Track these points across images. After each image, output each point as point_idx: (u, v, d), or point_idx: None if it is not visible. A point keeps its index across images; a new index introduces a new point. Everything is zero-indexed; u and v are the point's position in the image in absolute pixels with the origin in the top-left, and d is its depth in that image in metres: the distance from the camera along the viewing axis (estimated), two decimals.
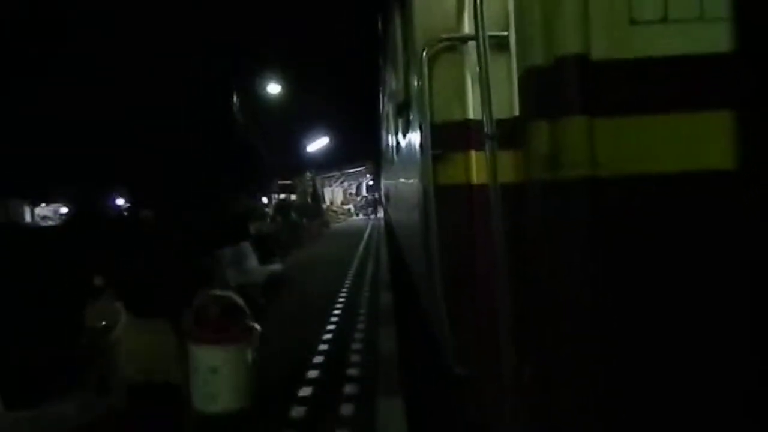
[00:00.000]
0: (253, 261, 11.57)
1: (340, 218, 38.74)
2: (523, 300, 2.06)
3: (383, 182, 23.03)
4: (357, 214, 43.50)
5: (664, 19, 1.59)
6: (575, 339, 1.63)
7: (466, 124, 2.45)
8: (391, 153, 8.39)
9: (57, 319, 6.09)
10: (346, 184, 49.93)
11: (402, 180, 5.76)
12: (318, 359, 6.47)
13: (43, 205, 32.76)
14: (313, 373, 5.94)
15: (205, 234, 11.28)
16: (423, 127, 2.79)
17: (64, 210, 29.26)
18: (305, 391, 5.34)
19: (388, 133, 9.26)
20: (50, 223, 26.61)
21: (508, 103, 2.27)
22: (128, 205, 23.32)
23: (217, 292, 4.66)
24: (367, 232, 27.05)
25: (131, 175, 19.20)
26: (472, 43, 2.37)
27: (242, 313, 4.27)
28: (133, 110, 16.59)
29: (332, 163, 39.33)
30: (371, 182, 45.11)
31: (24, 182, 19.99)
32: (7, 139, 16.52)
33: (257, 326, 4.39)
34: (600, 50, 1.57)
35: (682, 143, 1.59)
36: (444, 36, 2.66)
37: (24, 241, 11.01)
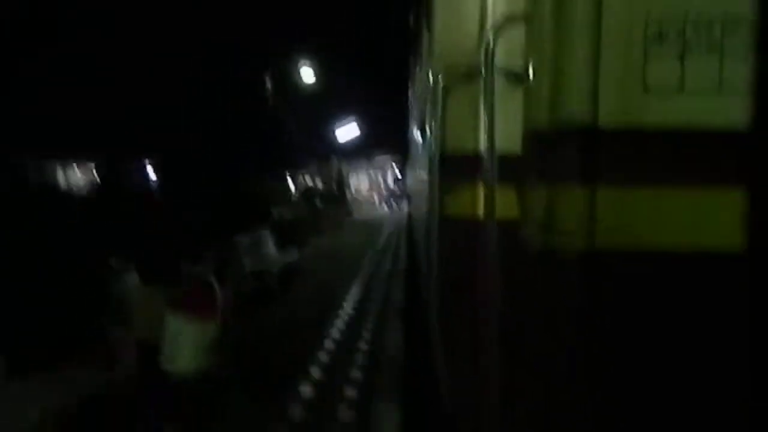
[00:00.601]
0: (270, 249, 11.62)
1: (364, 208, 38.74)
2: (513, 348, 2.01)
3: (408, 177, 22.98)
4: (381, 204, 43.38)
5: (680, 90, 1.52)
6: (564, 412, 1.58)
7: (477, 156, 2.39)
8: (415, 154, 8.37)
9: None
10: (372, 172, 49.90)
11: (421, 189, 5.75)
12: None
13: (76, 168, 33.33)
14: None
15: (221, 214, 11.34)
16: (433, 156, 2.75)
17: (95, 174, 29.67)
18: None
19: (414, 131, 9.23)
20: (81, 185, 27.02)
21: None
22: (156, 178, 23.55)
23: (198, 269, 5.16)
24: (390, 224, 27.04)
25: (159, 147, 19.36)
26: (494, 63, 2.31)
27: (213, 292, 4.68)
28: (165, 85, 16.73)
29: (360, 150, 39.31)
30: (398, 172, 44.99)
31: (57, 144, 20.26)
32: (42, 101, 16.76)
33: (221, 305, 4.81)
34: (609, 118, 1.50)
35: (689, 219, 1.52)
36: (461, 67, 2.60)
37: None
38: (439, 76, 2.58)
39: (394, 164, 44.49)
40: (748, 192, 1.48)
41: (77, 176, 32.63)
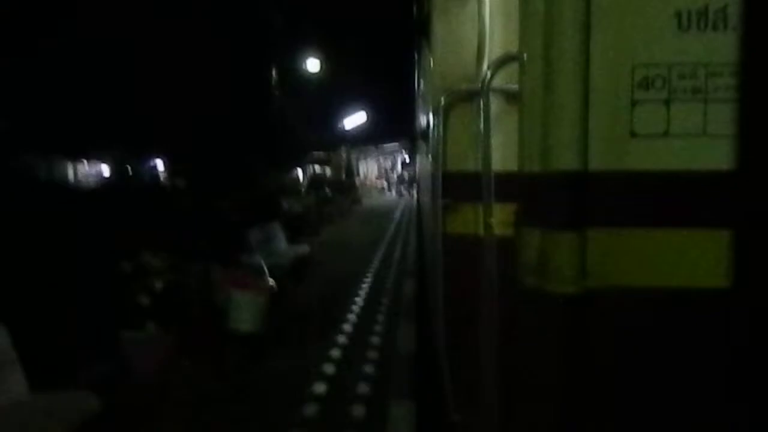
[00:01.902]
0: (281, 242, 11.70)
1: (373, 194, 38.79)
2: (508, 363, 2.10)
3: (416, 163, 22.98)
4: (390, 191, 43.40)
5: (666, 134, 1.58)
6: None
7: (478, 175, 2.46)
8: (420, 147, 8.41)
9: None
10: (381, 159, 49.85)
11: (426, 185, 5.82)
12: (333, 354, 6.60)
13: (85, 163, 33.46)
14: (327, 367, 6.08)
15: (235, 212, 11.45)
16: (435, 174, 2.81)
17: (105, 168, 29.84)
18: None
19: (421, 120, 9.26)
20: (90, 180, 27.21)
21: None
22: (165, 172, 23.72)
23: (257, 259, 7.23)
24: (399, 210, 27.14)
25: (168, 142, 19.50)
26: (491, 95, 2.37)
27: (263, 273, 6.86)
28: (171, 80, 16.78)
29: (368, 138, 39.24)
30: (407, 159, 44.90)
31: (67, 140, 20.38)
32: (52, 97, 16.85)
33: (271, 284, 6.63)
34: (598, 161, 1.57)
35: (676, 259, 1.59)
36: (461, 87, 2.66)
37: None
38: (441, 97, 2.64)
39: (402, 151, 44.41)
40: (733, 232, 1.55)
41: (87, 173, 32.82)
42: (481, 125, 2.20)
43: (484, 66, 2.45)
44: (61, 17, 15.86)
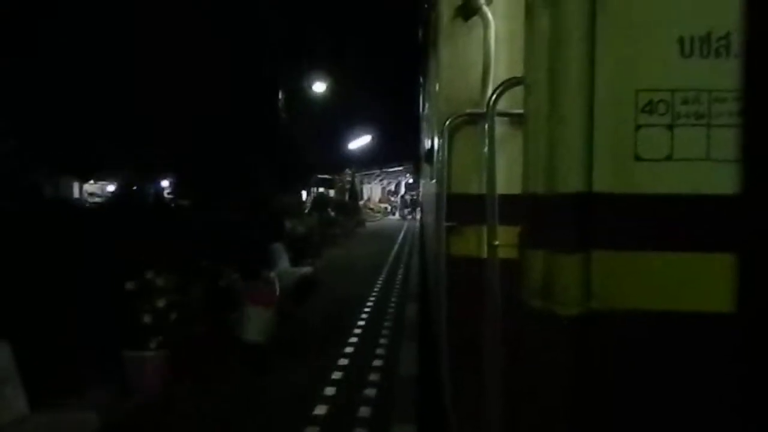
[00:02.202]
0: (284, 262, 11.72)
1: (376, 216, 38.82)
2: (512, 386, 2.09)
3: (420, 187, 23.04)
4: (394, 213, 43.38)
5: (670, 157, 1.59)
6: None
7: (482, 197, 2.47)
8: (424, 169, 8.45)
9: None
10: (385, 182, 50.00)
11: (429, 206, 5.84)
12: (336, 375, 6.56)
13: (91, 182, 33.63)
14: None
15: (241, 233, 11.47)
16: (440, 197, 2.83)
17: (110, 188, 30.00)
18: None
19: (425, 143, 9.33)
20: (97, 200, 27.35)
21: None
22: (170, 192, 23.82)
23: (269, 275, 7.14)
24: (402, 233, 27.14)
25: (174, 163, 19.62)
26: (495, 119, 2.39)
27: (273, 287, 6.82)
28: (179, 102, 16.91)
29: (372, 160, 39.42)
30: (410, 181, 45.02)
31: (73, 159, 20.52)
32: (59, 115, 16.97)
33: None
34: (602, 184, 1.58)
35: (681, 283, 1.59)
36: (466, 110, 2.69)
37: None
38: (446, 121, 2.67)
39: (406, 174, 44.54)
40: (737, 255, 1.55)
41: (93, 188, 32.96)
42: (486, 148, 2.22)
43: (489, 90, 2.48)
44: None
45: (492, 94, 2.10)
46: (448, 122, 2.67)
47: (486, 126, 2.12)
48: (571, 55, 1.64)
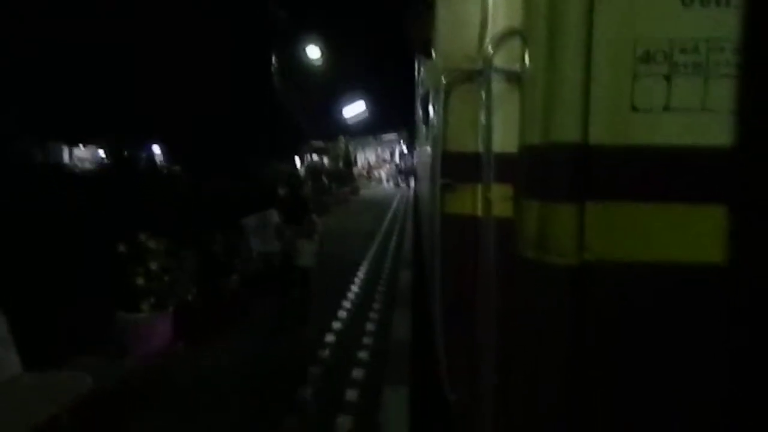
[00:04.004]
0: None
1: (370, 184, 38.75)
2: (507, 340, 2.11)
3: (415, 154, 22.94)
4: (388, 181, 43.29)
5: (667, 108, 1.58)
6: (550, 419, 1.67)
7: (478, 156, 2.46)
8: (421, 133, 8.40)
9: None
10: (379, 150, 49.77)
11: (425, 172, 5.81)
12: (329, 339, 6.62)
13: (81, 146, 33.23)
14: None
15: (232, 201, 11.44)
16: (435, 154, 2.81)
17: (101, 152, 29.70)
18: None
19: (420, 111, 9.29)
20: (87, 165, 27.10)
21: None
22: (163, 157, 23.63)
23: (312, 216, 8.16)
24: (396, 201, 27.13)
25: (166, 129, 19.44)
26: (492, 75, 2.36)
27: (314, 224, 7.79)
28: (170, 66, 16.69)
29: (367, 128, 39.20)
30: (405, 149, 44.82)
31: (63, 123, 20.29)
32: (48, 78, 16.75)
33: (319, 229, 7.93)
34: (598, 135, 1.57)
35: (674, 234, 1.59)
36: (462, 69, 2.65)
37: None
38: (442, 77, 2.63)
39: (401, 141, 44.32)
40: (730, 207, 1.55)
41: (84, 154, 32.59)
42: (483, 102, 2.19)
43: (487, 45, 2.44)
44: None
45: (489, 47, 2.06)
46: (444, 79, 2.64)
47: (483, 80, 2.09)
48: (569, 5, 1.61)
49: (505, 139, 2.30)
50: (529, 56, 1.75)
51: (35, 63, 15.68)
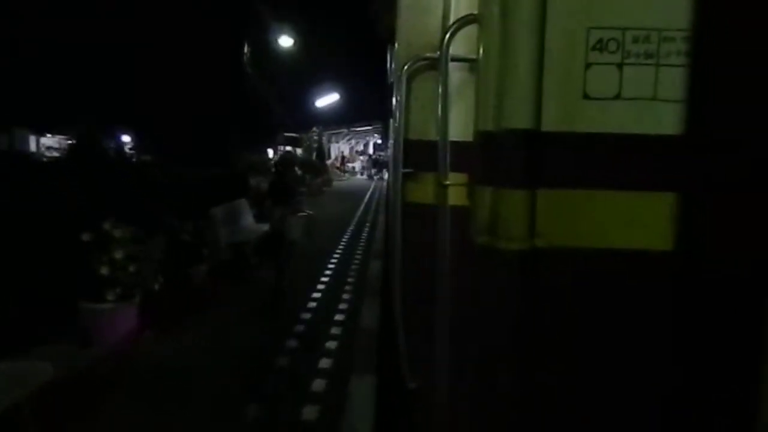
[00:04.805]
0: (248, 218, 11.60)
1: (344, 176, 38.64)
2: (461, 327, 2.12)
3: (388, 146, 22.93)
4: (362, 173, 43.17)
5: (618, 96, 1.60)
6: (504, 406, 1.68)
7: (437, 144, 2.46)
8: (392, 125, 8.41)
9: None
10: (353, 141, 49.66)
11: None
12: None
13: (48, 135, 32.60)
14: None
15: (203, 191, 11.30)
16: (397, 142, 2.81)
17: (69, 142, 29.14)
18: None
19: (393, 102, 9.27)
20: (54, 154, 26.59)
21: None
22: (132, 146, 23.29)
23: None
24: (369, 192, 27.15)
25: (136, 118, 19.15)
26: (452, 64, 2.36)
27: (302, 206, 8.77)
28: (142, 52, 16.42)
29: (341, 119, 38.99)
30: (379, 141, 44.75)
31: (30, 112, 19.89)
32: (15, 67, 16.37)
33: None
34: (550, 122, 1.58)
35: (624, 221, 1.61)
36: (423, 57, 2.65)
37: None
38: (403, 65, 2.62)
39: (375, 135, 44.25)
40: (679, 194, 1.58)
41: (51, 142, 31.95)
42: (440, 89, 2.18)
43: (446, 32, 2.44)
44: None
45: (446, 33, 2.06)
46: (405, 67, 2.63)
47: (440, 66, 2.08)
48: None
49: (464, 127, 2.31)
50: (483, 43, 1.75)
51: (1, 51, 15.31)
